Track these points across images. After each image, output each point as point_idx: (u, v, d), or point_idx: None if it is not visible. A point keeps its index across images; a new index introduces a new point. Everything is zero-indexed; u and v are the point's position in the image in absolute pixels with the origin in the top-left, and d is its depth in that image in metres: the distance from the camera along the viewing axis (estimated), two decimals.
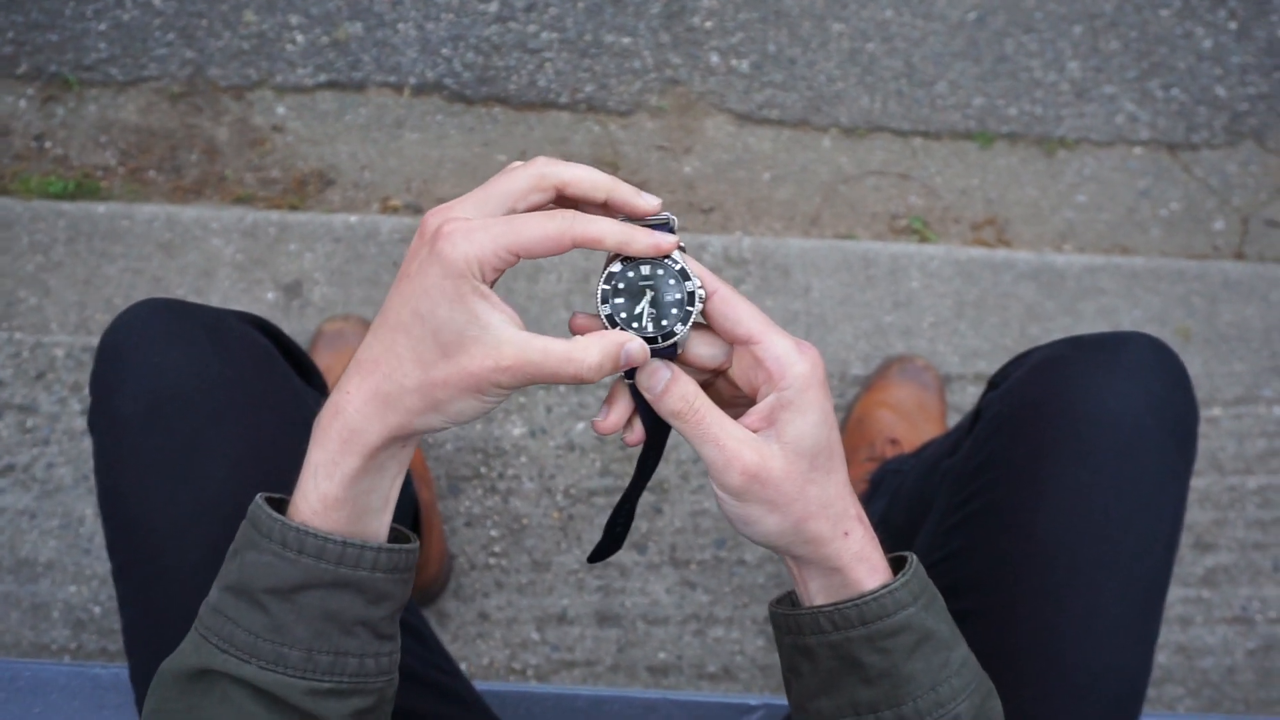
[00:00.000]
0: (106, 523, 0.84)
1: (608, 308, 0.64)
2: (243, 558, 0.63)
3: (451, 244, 0.58)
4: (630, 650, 1.48)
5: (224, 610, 0.63)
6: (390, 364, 0.61)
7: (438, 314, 0.59)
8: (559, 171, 0.62)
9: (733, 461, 0.63)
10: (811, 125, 1.83)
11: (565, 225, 0.60)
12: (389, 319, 0.61)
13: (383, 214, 1.74)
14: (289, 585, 0.62)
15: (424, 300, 0.59)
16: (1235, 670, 1.51)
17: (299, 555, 0.62)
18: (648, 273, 0.64)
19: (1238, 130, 1.85)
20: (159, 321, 0.84)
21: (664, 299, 0.64)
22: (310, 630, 0.62)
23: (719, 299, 0.64)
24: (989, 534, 0.86)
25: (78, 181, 1.72)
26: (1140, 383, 0.85)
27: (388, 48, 1.81)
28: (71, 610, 1.47)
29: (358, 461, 0.62)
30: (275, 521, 0.62)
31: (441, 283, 0.59)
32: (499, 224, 0.59)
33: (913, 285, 1.66)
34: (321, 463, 0.63)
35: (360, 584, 0.63)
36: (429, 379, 0.60)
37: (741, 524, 0.66)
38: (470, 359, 0.59)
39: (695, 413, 0.64)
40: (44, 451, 1.52)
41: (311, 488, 0.63)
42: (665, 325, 0.64)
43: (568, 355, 0.60)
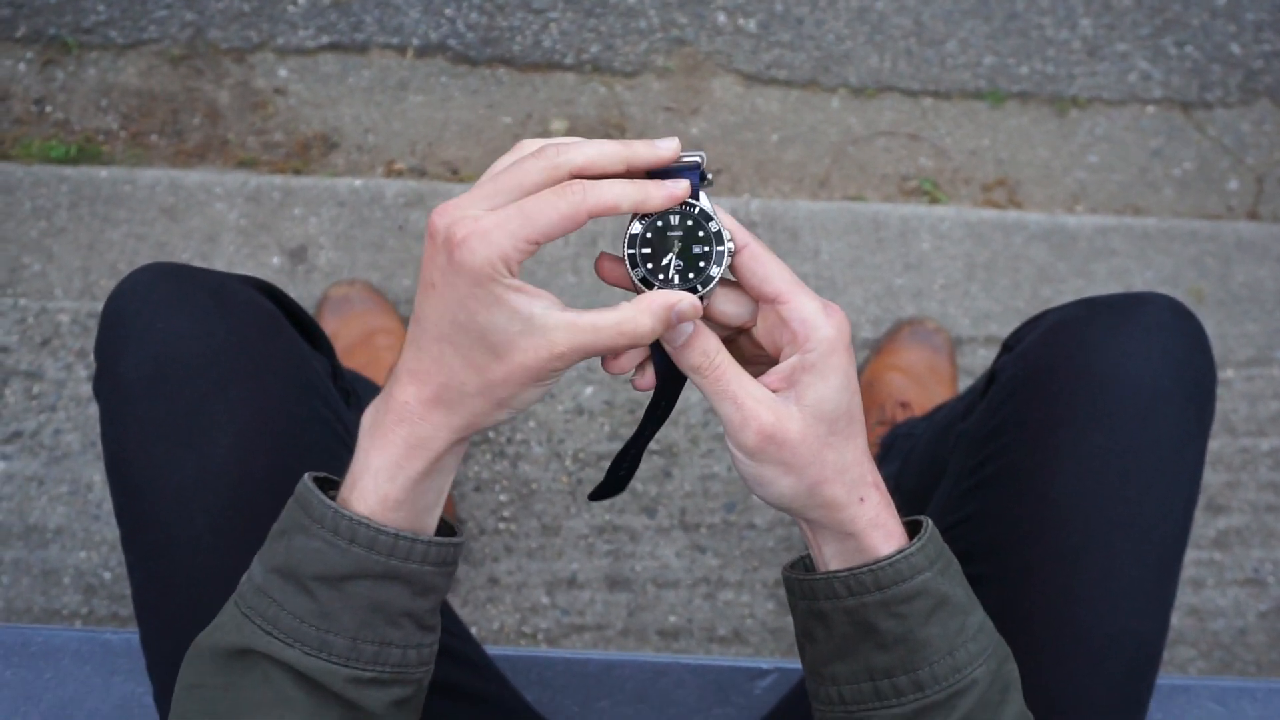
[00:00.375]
0: (113, 489, 0.83)
1: (634, 254, 0.63)
2: (290, 540, 0.63)
3: (470, 251, 0.57)
4: (640, 614, 1.48)
5: (270, 592, 0.63)
6: (444, 373, 0.60)
7: (478, 320, 0.58)
8: (571, 157, 0.60)
9: (749, 420, 0.62)
10: (820, 85, 1.81)
11: (578, 200, 0.58)
12: (429, 331, 0.60)
13: (387, 177, 1.72)
14: (338, 574, 0.62)
15: (460, 310, 0.59)
16: (1247, 632, 1.50)
17: (350, 545, 0.62)
18: (676, 223, 0.63)
19: (1252, 88, 1.82)
20: (163, 286, 0.83)
21: (691, 251, 0.63)
22: (356, 619, 0.62)
23: (749, 255, 0.63)
24: (1004, 498, 0.86)
25: (79, 146, 1.70)
26: (1159, 344, 0.83)
27: (390, 8, 1.79)
28: (82, 576, 1.47)
29: (424, 465, 0.62)
30: (328, 509, 0.62)
31: (472, 290, 0.58)
32: (511, 217, 0.58)
33: (923, 247, 1.65)
34: (383, 466, 0.62)
35: (409, 576, 0.63)
36: (488, 381, 0.60)
37: (755, 484, 0.65)
38: (524, 354, 0.59)
39: (715, 368, 0.63)
40: (51, 418, 1.52)
41: (371, 488, 0.62)
42: (692, 278, 0.63)
43: (618, 328, 0.60)
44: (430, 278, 0.60)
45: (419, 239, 1.60)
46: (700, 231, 0.63)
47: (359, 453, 0.64)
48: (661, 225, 0.63)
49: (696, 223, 0.63)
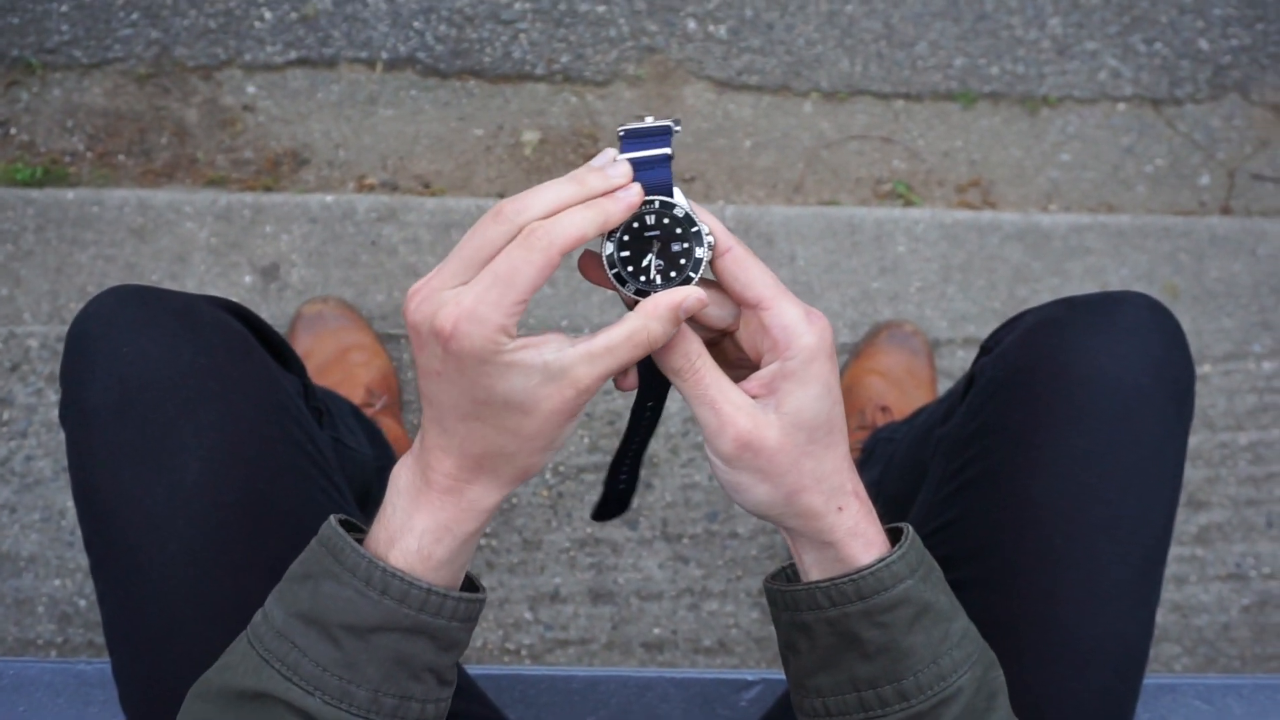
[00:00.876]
0: (82, 518, 0.81)
1: (612, 246, 0.62)
2: (318, 586, 0.62)
3: (465, 337, 0.57)
4: (624, 627, 1.47)
5: (292, 637, 0.62)
6: (480, 445, 0.61)
7: (497, 392, 0.58)
8: (531, 213, 0.59)
9: (726, 427, 0.62)
10: (792, 90, 1.80)
11: (544, 245, 0.57)
12: (451, 413, 0.60)
13: (359, 193, 1.71)
14: (367, 625, 0.61)
15: (476, 389, 0.59)
16: (1231, 627, 1.50)
17: (382, 597, 0.61)
18: (652, 222, 0.62)
19: (1221, 84, 1.83)
20: (128, 309, 0.81)
21: (670, 249, 0.62)
22: (381, 671, 0.61)
23: (731, 258, 0.62)
24: (985, 501, 0.85)
25: (45, 168, 1.68)
26: (1138, 343, 0.83)
27: (358, 22, 1.77)
28: (56, 604, 1.45)
29: (474, 526, 0.63)
30: (362, 558, 0.61)
31: (481, 369, 0.58)
32: (489, 287, 0.57)
33: (899, 250, 1.64)
34: (430, 528, 0.62)
35: (436, 631, 0.62)
36: (526, 436, 0.60)
37: (732, 491, 0.65)
38: (551, 401, 0.59)
39: (695, 372, 0.63)
40: (22, 444, 1.50)
41: (415, 548, 0.62)
42: (673, 277, 0.62)
43: (631, 341, 0.60)
44: (430, 366, 0.59)
45: (391, 254, 1.59)
46: (678, 229, 0.62)
47: (396, 511, 0.63)
48: (638, 225, 0.62)
49: (674, 220, 0.62)
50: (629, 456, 0.73)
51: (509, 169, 1.73)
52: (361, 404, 1.41)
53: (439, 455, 0.62)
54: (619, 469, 0.73)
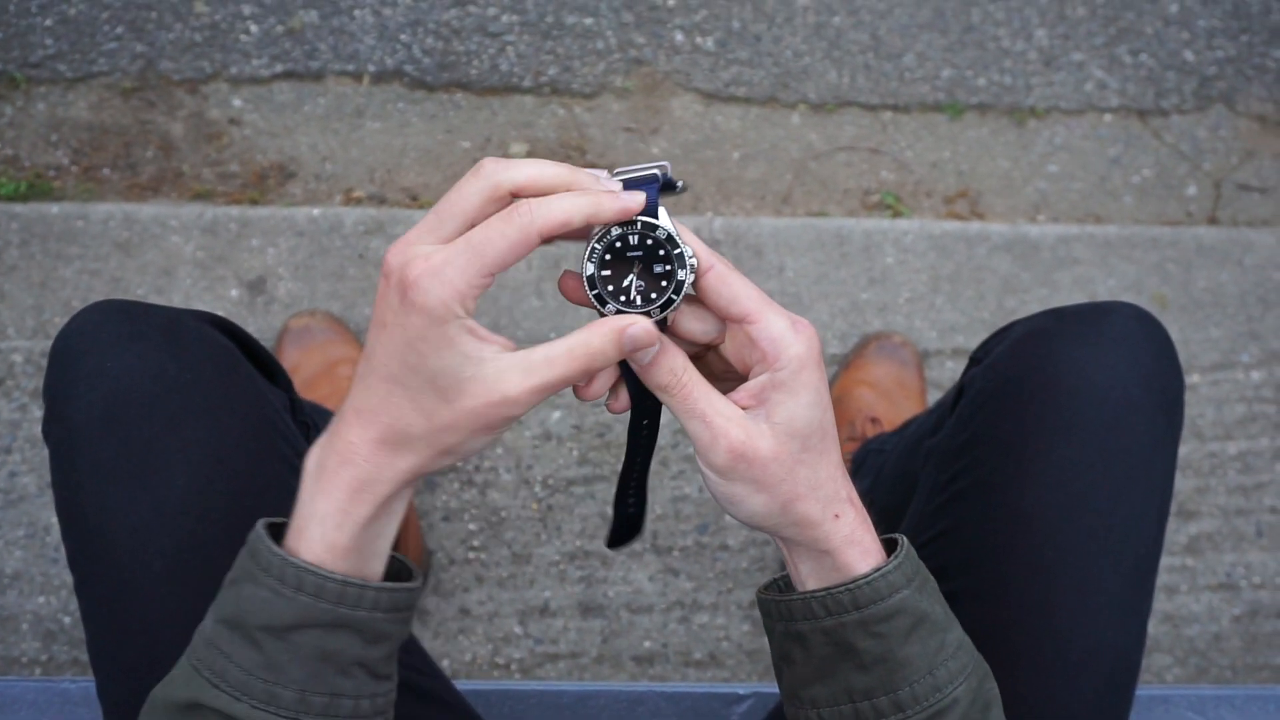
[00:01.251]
0: (66, 535, 0.80)
1: (592, 267, 0.61)
2: (240, 590, 0.61)
3: (423, 291, 0.56)
4: (615, 640, 1.46)
5: (218, 643, 0.61)
6: (391, 413, 0.59)
7: (428, 363, 0.57)
8: (511, 175, 0.58)
9: (719, 439, 0.61)
10: (779, 102, 1.81)
11: (525, 223, 0.57)
12: (378, 371, 0.59)
13: (346, 206, 1.70)
14: (284, 623, 0.60)
15: (410, 352, 0.57)
16: (1222, 637, 1.50)
17: (296, 593, 0.60)
18: (635, 242, 0.61)
19: (1207, 94, 1.84)
20: (112, 324, 0.80)
21: (653, 270, 0.61)
22: (305, 670, 0.60)
23: (715, 276, 0.62)
24: (977, 513, 0.85)
25: (29, 182, 1.67)
26: (1127, 354, 0.83)
27: (344, 35, 1.77)
28: (41, 621, 1.43)
29: (370, 510, 0.60)
30: (275, 556, 0.60)
31: (425, 332, 0.56)
32: (461, 252, 0.56)
33: (887, 261, 1.64)
34: (329, 512, 0.60)
35: (359, 624, 0.61)
36: (435, 425, 0.58)
37: (727, 503, 0.64)
38: (473, 399, 0.58)
39: (683, 387, 0.62)
40: (6, 460, 1.48)
41: (318, 536, 0.60)
42: (654, 298, 0.61)
43: (570, 355, 0.59)
44: (383, 317, 0.58)
45: (379, 267, 1.58)
46: (661, 250, 0.61)
47: (304, 497, 0.61)
48: (621, 246, 0.61)
49: (657, 241, 0.61)
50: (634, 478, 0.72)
51: None
52: None
53: (350, 420, 0.60)
54: (626, 492, 0.73)
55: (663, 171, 0.62)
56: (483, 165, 0.59)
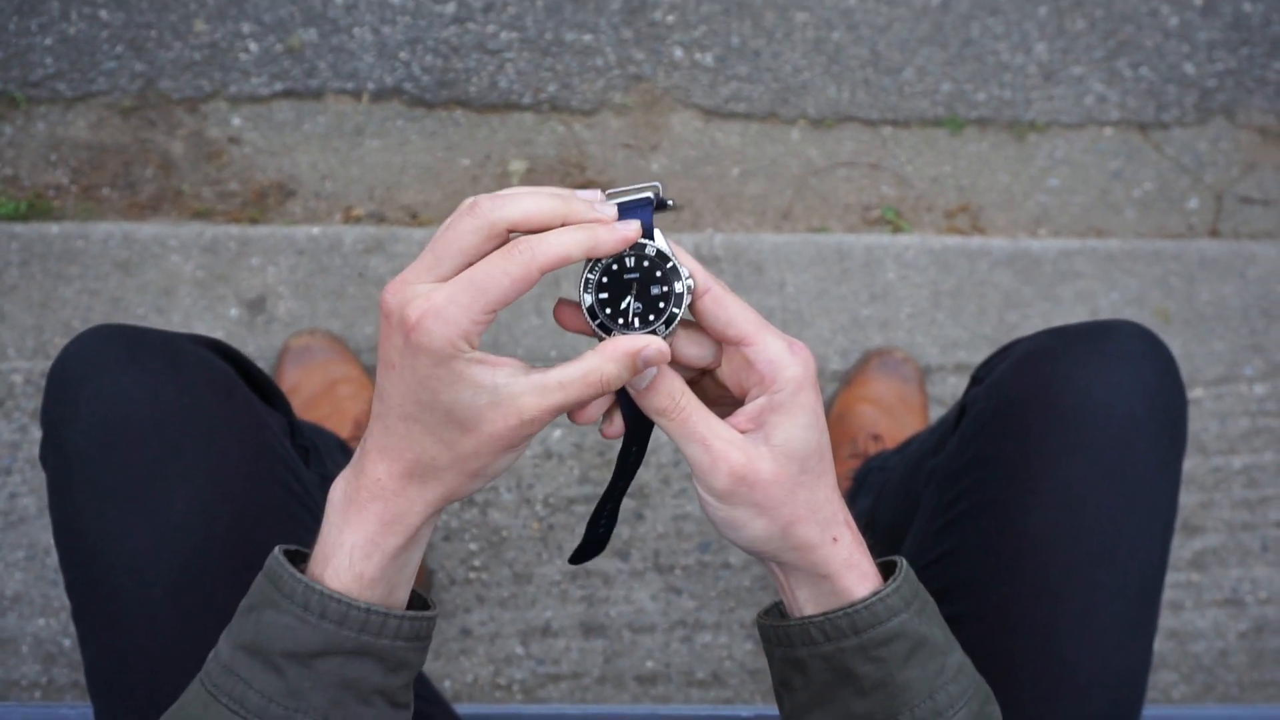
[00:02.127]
0: (63, 562, 0.80)
1: (590, 299, 0.61)
2: (260, 616, 0.61)
3: (425, 332, 0.57)
4: (617, 660, 1.45)
5: (237, 670, 0.61)
6: (414, 449, 0.60)
7: (442, 399, 0.58)
8: (506, 213, 0.58)
9: (719, 462, 0.61)
10: (779, 117, 1.80)
11: (526, 259, 0.57)
12: (394, 410, 0.60)
13: (345, 224, 1.70)
14: (308, 650, 0.60)
15: (423, 391, 0.58)
16: (1228, 653, 1.49)
17: (320, 620, 0.60)
18: (631, 265, 0.61)
19: (1207, 107, 1.84)
20: (110, 349, 0.80)
21: (650, 292, 0.61)
22: (327, 698, 0.60)
23: (711, 298, 0.62)
24: (980, 534, 0.84)
25: (29, 202, 1.67)
26: (1130, 372, 0.83)
27: (344, 53, 1.77)
28: (41, 644, 1.43)
29: (401, 540, 0.61)
30: (299, 583, 0.60)
31: (433, 371, 0.57)
32: (462, 290, 0.57)
33: (888, 276, 1.64)
34: (358, 543, 0.61)
35: (381, 652, 0.61)
36: (460, 455, 0.59)
37: (727, 528, 0.64)
38: (492, 424, 0.58)
39: (681, 411, 0.62)
40: (6, 481, 1.48)
41: (346, 566, 0.61)
42: (652, 320, 0.61)
43: (585, 380, 0.59)
44: (390, 358, 0.59)
45: (380, 285, 1.58)
46: (658, 272, 0.61)
47: (329, 528, 0.62)
48: (617, 269, 0.61)
49: (653, 263, 0.61)
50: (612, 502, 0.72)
51: None
52: (350, 437, 1.40)
53: (375, 457, 0.61)
54: (601, 514, 0.73)
55: (655, 192, 0.62)
56: (477, 203, 0.58)
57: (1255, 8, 1.87)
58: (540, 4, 1.81)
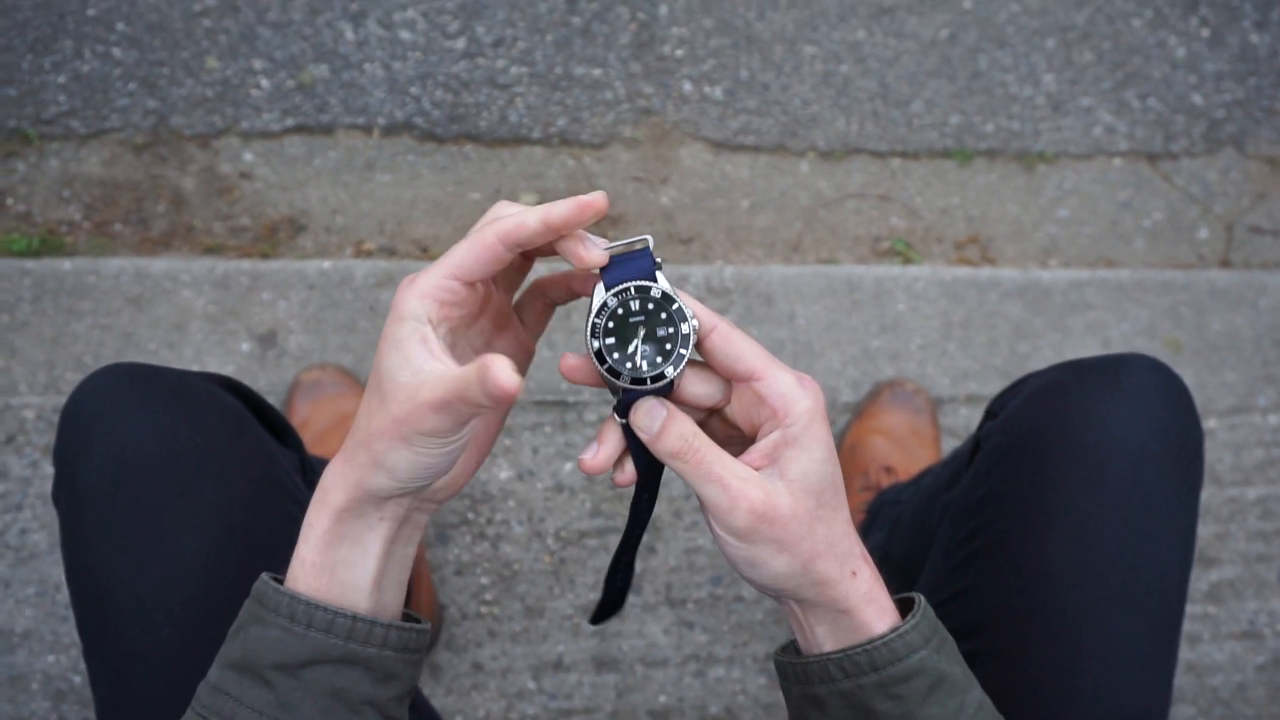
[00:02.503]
0: (75, 601, 0.80)
1: (598, 343, 0.62)
2: (247, 634, 0.61)
3: (400, 294, 0.58)
4: (630, 695, 1.44)
5: (226, 688, 0.61)
6: (362, 416, 0.60)
7: (382, 364, 0.58)
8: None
9: (738, 501, 0.61)
10: (788, 150, 1.81)
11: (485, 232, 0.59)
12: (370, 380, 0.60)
13: (357, 258, 1.70)
14: (296, 660, 0.60)
15: (379, 357, 0.59)
16: (1246, 686, 1.48)
17: (307, 630, 0.60)
18: (638, 308, 0.62)
19: (1216, 138, 1.84)
20: (122, 388, 0.80)
21: (656, 334, 0.61)
22: (317, 707, 0.60)
23: (719, 335, 0.62)
24: (996, 570, 0.84)
25: (42, 238, 1.68)
26: (1143, 407, 0.82)
27: (355, 89, 1.78)
28: (51, 680, 1.42)
29: (326, 522, 0.61)
30: (283, 596, 0.60)
31: (388, 332, 0.58)
32: (436, 263, 0.59)
33: (899, 308, 1.64)
34: (308, 522, 0.62)
35: (368, 661, 0.61)
36: (371, 430, 0.58)
37: (747, 567, 0.64)
38: (398, 404, 0.57)
39: (695, 452, 0.62)
40: (17, 517, 1.48)
41: (316, 561, 0.62)
42: (660, 362, 0.61)
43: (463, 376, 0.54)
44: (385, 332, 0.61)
45: None
46: (663, 314, 0.62)
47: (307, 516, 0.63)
48: (623, 313, 0.62)
49: (658, 305, 0.62)
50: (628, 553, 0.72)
51: None
52: None
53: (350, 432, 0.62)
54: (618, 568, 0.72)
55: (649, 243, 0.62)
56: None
57: (1262, 39, 1.87)
58: (549, 39, 1.82)
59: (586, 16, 1.83)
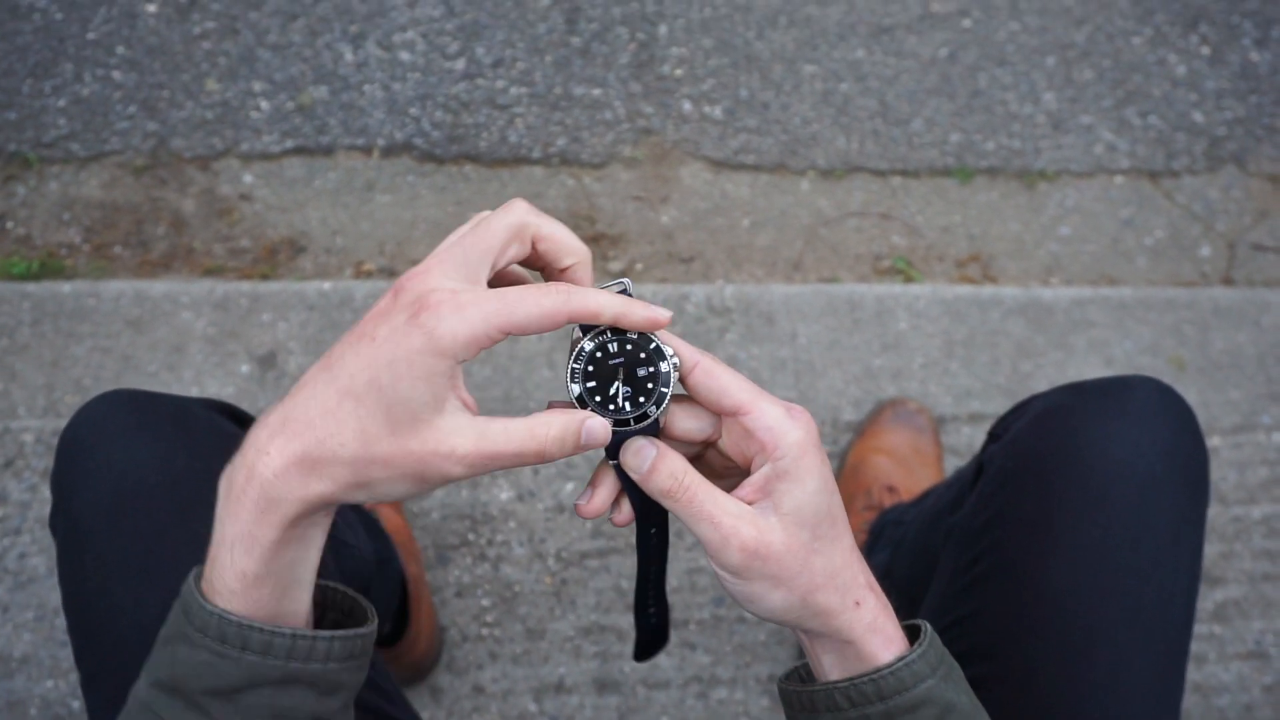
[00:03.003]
0: (72, 631, 0.79)
1: (578, 388, 0.61)
2: (175, 651, 0.58)
3: (439, 318, 0.53)
4: (631, 717, 1.43)
5: (157, 709, 0.57)
6: (328, 429, 0.55)
7: (399, 388, 0.54)
8: (539, 224, 0.58)
9: (730, 539, 0.60)
10: (789, 169, 1.81)
11: (561, 301, 0.56)
12: (338, 380, 0.55)
13: (356, 279, 1.70)
14: (231, 686, 0.56)
15: (388, 371, 0.54)
16: (1253, 707, 1.47)
17: (242, 652, 0.56)
18: (616, 349, 0.61)
19: (1217, 155, 1.84)
20: (120, 415, 0.80)
21: (636, 374, 0.61)
22: None
23: (701, 371, 0.61)
24: (1002, 594, 0.83)
25: (42, 261, 1.68)
26: (1148, 429, 0.82)
27: (354, 110, 1.78)
28: (49, 706, 1.41)
29: (276, 534, 0.56)
30: (211, 615, 0.57)
31: (418, 356, 0.53)
32: (490, 300, 0.54)
33: (900, 326, 1.63)
34: (238, 536, 0.56)
35: (312, 677, 0.58)
36: (367, 455, 0.54)
37: (746, 602, 0.63)
38: (420, 442, 0.54)
39: (686, 490, 0.61)
40: (15, 541, 1.47)
41: (228, 564, 0.57)
42: (643, 402, 0.61)
43: (530, 434, 0.56)
44: (372, 330, 0.55)
45: None
46: (641, 354, 0.61)
47: (216, 523, 0.58)
48: (601, 355, 0.61)
49: (636, 345, 0.61)
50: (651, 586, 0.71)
51: None
52: None
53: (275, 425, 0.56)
54: (645, 603, 0.71)
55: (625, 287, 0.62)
56: (515, 202, 0.58)
57: (1263, 57, 1.87)
58: (549, 59, 1.82)
59: (586, 37, 1.84)
